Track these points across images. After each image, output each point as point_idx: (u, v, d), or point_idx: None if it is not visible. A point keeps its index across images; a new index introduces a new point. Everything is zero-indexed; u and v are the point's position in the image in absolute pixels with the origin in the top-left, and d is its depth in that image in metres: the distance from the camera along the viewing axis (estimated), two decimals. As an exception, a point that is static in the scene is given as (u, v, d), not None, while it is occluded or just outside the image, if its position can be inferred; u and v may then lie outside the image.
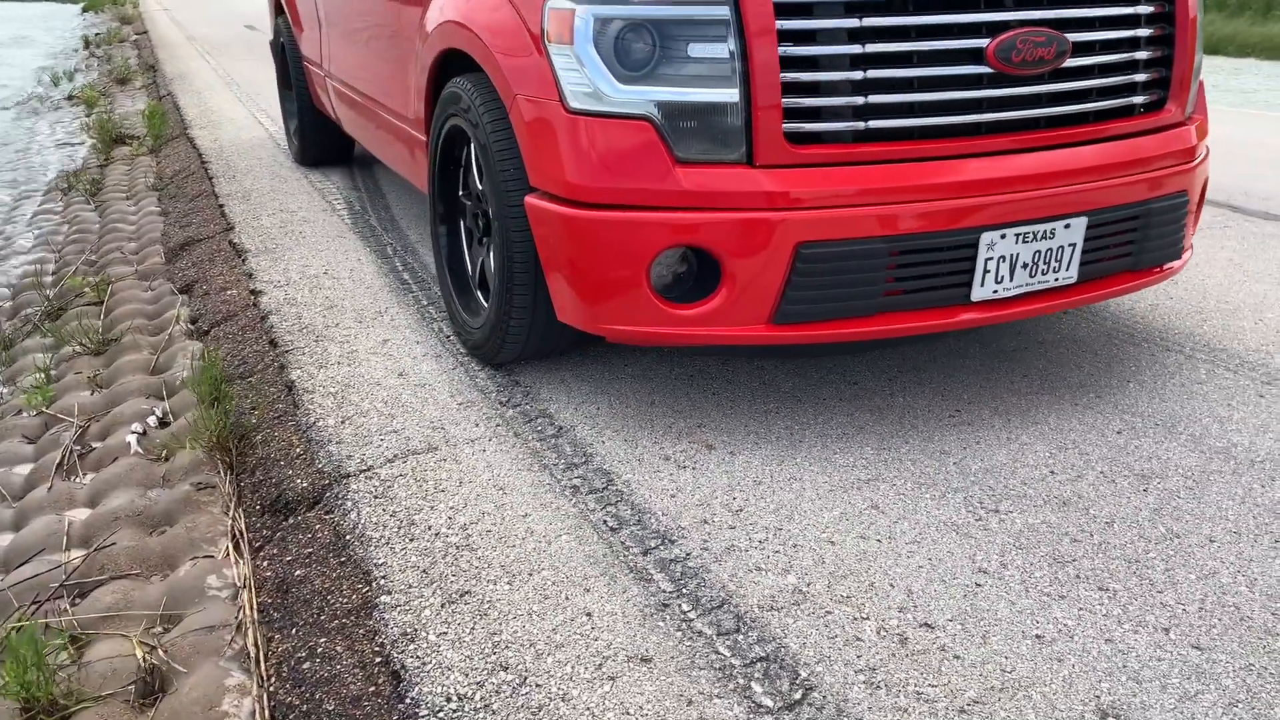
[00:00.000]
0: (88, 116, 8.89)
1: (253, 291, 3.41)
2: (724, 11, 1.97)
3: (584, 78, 2.07)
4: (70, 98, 10.37)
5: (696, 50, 2.01)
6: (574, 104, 2.10)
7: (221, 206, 4.52)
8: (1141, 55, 2.25)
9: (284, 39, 5.07)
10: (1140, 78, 2.27)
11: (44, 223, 5.53)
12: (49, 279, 4.38)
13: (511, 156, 2.31)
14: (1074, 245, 2.19)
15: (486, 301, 2.71)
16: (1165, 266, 2.43)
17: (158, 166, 6.00)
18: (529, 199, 2.25)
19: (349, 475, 2.18)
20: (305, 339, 2.94)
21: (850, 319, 2.11)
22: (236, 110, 7.14)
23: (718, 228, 2.04)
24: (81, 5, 32.11)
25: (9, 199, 6.42)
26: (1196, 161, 2.38)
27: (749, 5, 1.96)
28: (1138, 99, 2.28)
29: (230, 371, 2.89)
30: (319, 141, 5.04)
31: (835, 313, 2.09)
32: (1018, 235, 2.13)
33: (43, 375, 3.23)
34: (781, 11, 1.98)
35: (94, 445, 2.75)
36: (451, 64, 2.69)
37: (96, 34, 17.89)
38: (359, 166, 5.20)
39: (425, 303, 3.20)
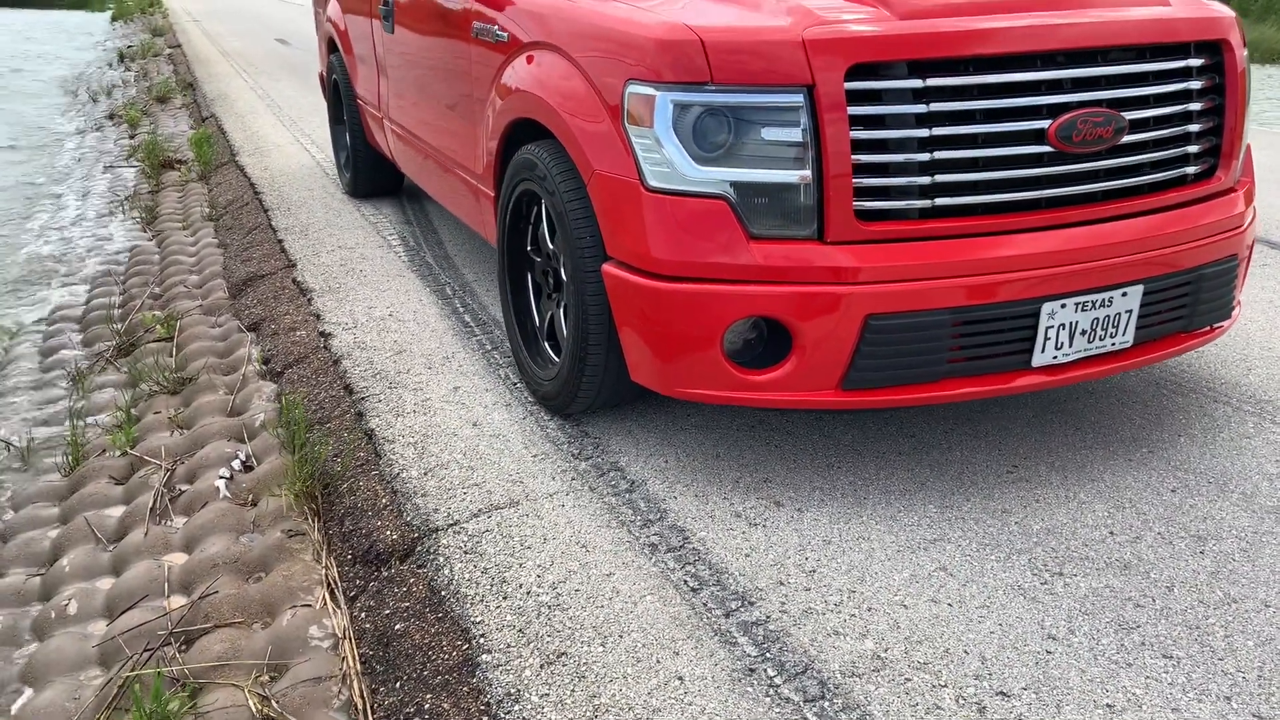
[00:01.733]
0: (131, 138, 9.10)
1: (322, 334, 3.54)
2: (798, 98, 2.09)
3: (662, 158, 2.19)
4: (111, 116, 10.59)
5: (771, 134, 2.12)
6: (653, 182, 2.21)
7: (281, 241, 4.67)
8: (1194, 128, 2.35)
9: (337, 76, 5.22)
10: (1192, 149, 2.36)
11: (103, 249, 5.70)
12: (116, 311, 4.54)
13: (588, 225, 2.42)
14: (1130, 311, 2.29)
15: (555, 354, 2.84)
16: (1216, 326, 2.52)
17: (210, 195, 6.17)
18: (606, 267, 2.37)
19: (438, 529, 2.31)
20: (379, 385, 3.08)
21: (915, 385, 2.22)
22: (281, 136, 7.31)
23: (790, 300, 2.15)
24: (110, 14, 32.53)
25: (66, 221, 6.61)
26: (1245, 225, 2.47)
27: (821, 92, 2.08)
28: (1190, 169, 2.37)
29: (309, 417, 3.03)
30: (370, 176, 5.19)
31: (901, 379, 2.20)
32: (1077, 304, 2.23)
33: (124, 414, 3.38)
34: (853, 98, 2.09)
35: (182, 488, 2.90)
36: (522, 127, 2.82)
37: (129, 46, 18.17)
38: (409, 199, 5.35)
39: (489, 347, 3.32)
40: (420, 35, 3.72)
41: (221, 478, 2.85)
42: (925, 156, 2.11)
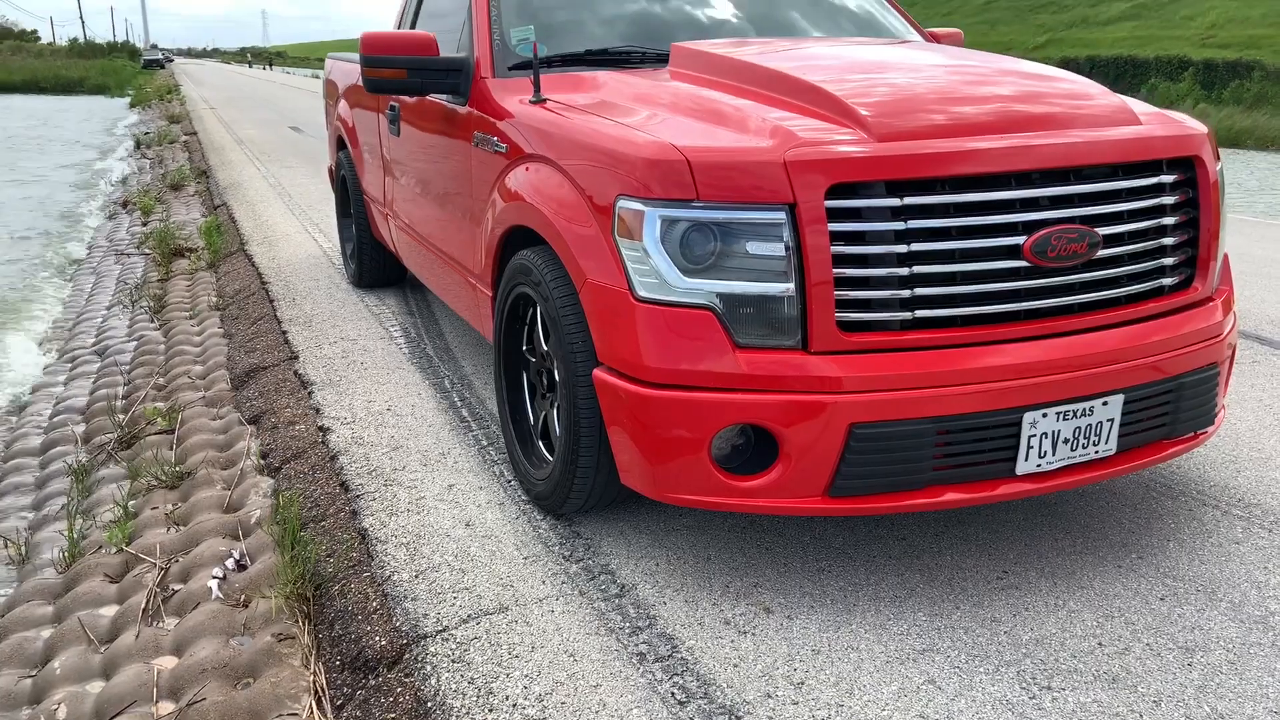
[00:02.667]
0: (144, 224, 9.31)
1: (321, 428, 3.59)
2: (780, 215, 2.16)
3: (651, 269, 2.26)
4: (125, 203, 10.85)
5: (755, 248, 2.19)
6: (642, 292, 2.28)
7: (285, 332, 4.75)
8: (1169, 240, 2.42)
9: (345, 172, 5.38)
10: (1168, 261, 2.43)
11: (110, 339, 5.79)
12: (120, 402, 4.60)
13: (580, 331, 2.49)
14: (1112, 420, 2.32)
15: (549, 452, 2.87)
16: (1200, 433, 2.55)
17: (218, 284, 6.29)
18: (597, 372, 2.42)
19: (426, 636, 2.31)
20: (374, 482, 3.10)
21: (901, 492, 2.24)
22: (290, 225, 7.48)
23: (775, 408, 2.19)
24: (130, 100, 33.51)
25: (75, 310, 6.73)
26: (1224, 334, 2.52)
27: (803, 209, 2.15)
28: (1166, 280, 2.44)
29: (303, 515, 3.05)
30: (375, 267, 5.30)
31: (887, 486, 2.23)
32: (1058, 413, 2.26)
33: (122, 510, 3.40)
34: (833, 215, 2.16)
35: (176, 587, 2.90)
36: (519, 231, 2.91)
37: (146, 133, 18.68)
38: (411, 289, 5.45)
39: (485, 443, 3.36)
40: (425, 140, 3.85)
41: (215, 578, 2.86)
42: (905, 271, 2.18)
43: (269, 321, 5.03)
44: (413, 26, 4.38)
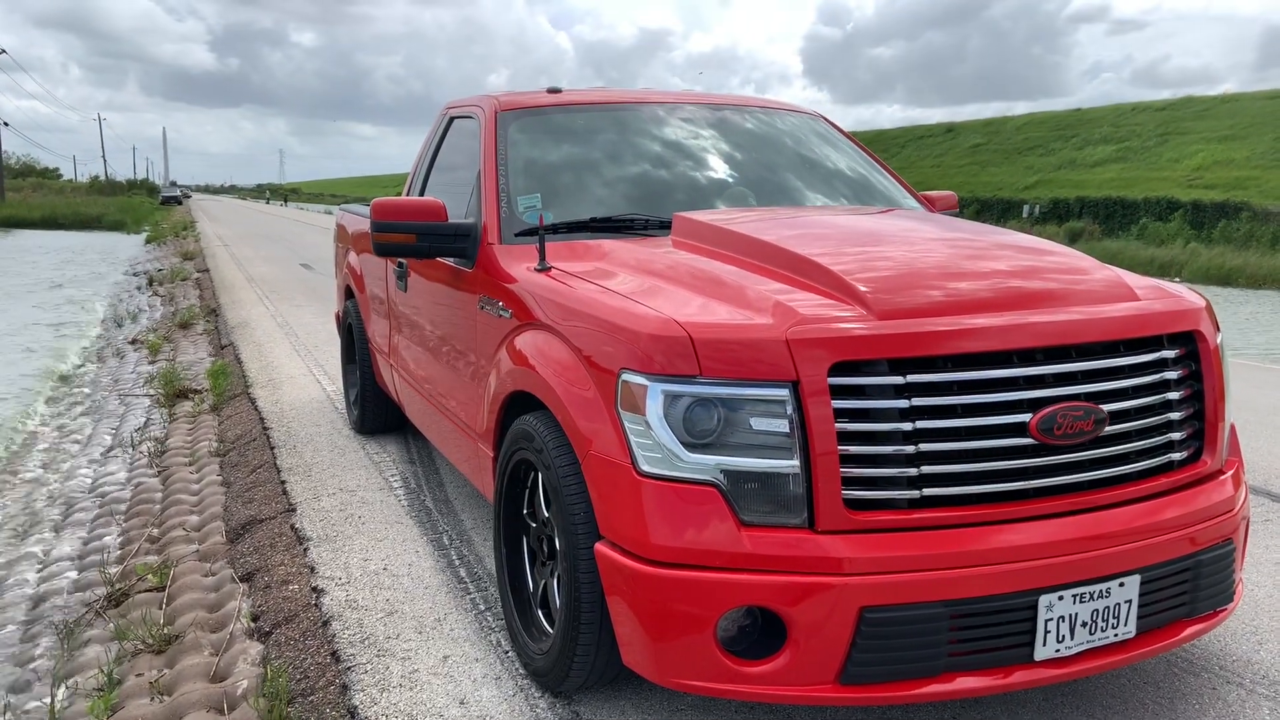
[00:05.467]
0: (150, 363, 9.39)
1: (315, 589, 3.49)
2: (784, 392, 2.16)
3: (654, 444, 2.24)
4: (134, 342, 10.97)
5: (758, 424, 2.18)
6: (645, 467, 2.25)
7: (284, 482, 4.70)
8: (1174, 415, 2.40)
9: (351, 320, 5.45)
10: (1175, 436, 2.41)
11: (107, 485, 5.74)
12: (113, 554, 4.50)
13: (582, 502, 2.44)
14: (1130, 601, 2.25)
15: (549, 624, 2.78)
16: (1220, 610, 2.47)
17: (219, 428, 6.28)
18: (599, 546, 2.36)
19: (415, 833, 2.17)
20: (367, 653, 3.00)
21: (916, 679, 2.15)
22: (295, 367, 7.53)
23: (782, 590, 2.13)
24: (145, 237, 34.45)
25: (73, 455, 6.69)
26: (1237, 508, 2.48)
27: (806, 386, 2.15)
28: (1175, 455, 2.41)
29: (292, 687, 2.93)
30: (377, 414, 5.30)
31: (902, 674, 2.14)
32: (1075, 595, 2.19)
33: (106, 678, 3.27)
34: (836, 392, 2.16)
35: (154, 768, 2.76)
36: (522, 395, 2.90)
37: (160, 270, 19.10)
38: (413, 436, 5.43)
39: (483, 607, 3.26)
40: (431, 296, 3.91)
41: (196, 757, 2.72)
42: (911, 449, 2.16)
43: (268, 470, 4.99)
44: (424, 182, 4.52)
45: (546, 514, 2.75)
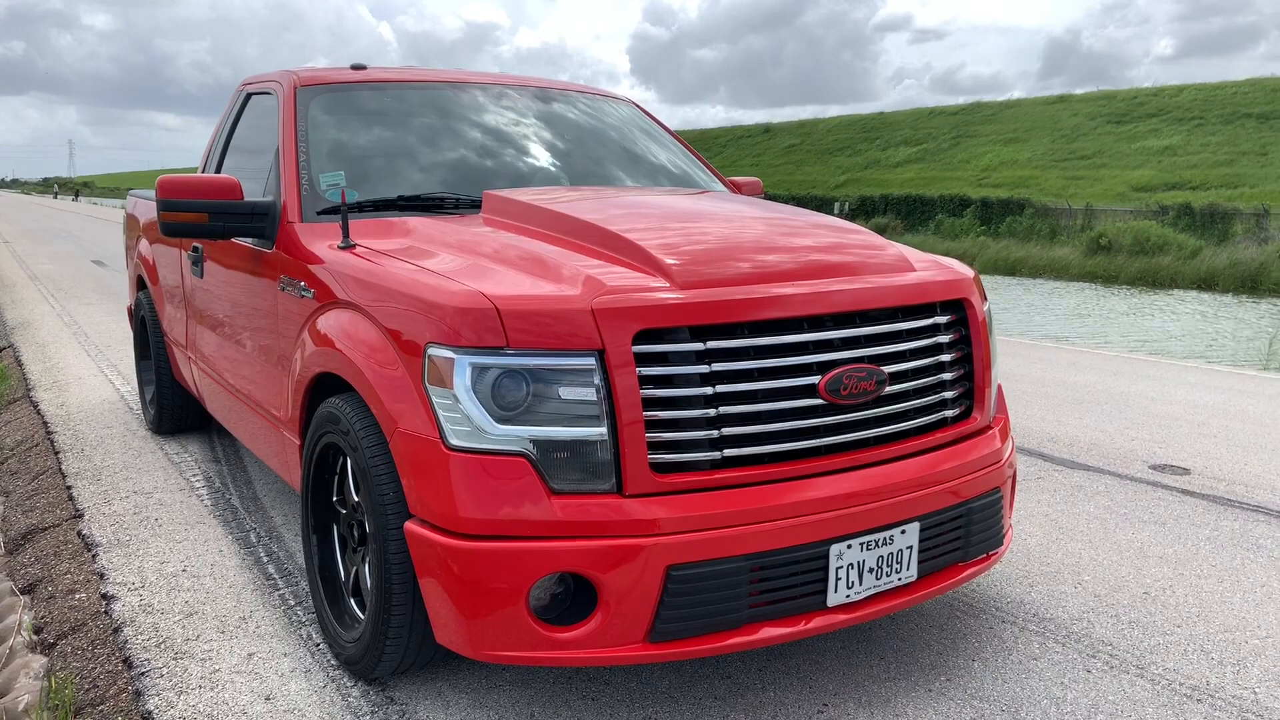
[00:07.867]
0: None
1: (104, 596, 3.25)
2: (590, 361, 2.20)
3: (463, 417, 2.22)
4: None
5: (566, 393, 2.21)
6: (453, 441, 2.24)
7: (69, 488, 4.34)
8: (947, 376, 2.62)
9: (145, 312, 5.09)
10: (948, 394, 2.62)
11: None
12: None
13: (391, 482, 2.40)
14: (911, 547, 2.44)
15: (360, 610, 2.71)
16: (991, 554, 2.71)
17: (-6, 434, 5.72)
18: (409, 525, 2.33)
19: (216, 833, 2.07)
20: (163, 656, 2.82)
21: (720, 632, 2.25)
22: (85, 367, 6.96)
23: (592, 554, 2.17)
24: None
25: None
26: (1004, 460, 2.72)
27: (611, 355, 2.20)
28: (948, 412, 2.62)
29: (79, 698, 2.72)
30: (176, 412, 4.98)
31: (706, 628, 2.23)
32: (862, 544, 2.35)
33: None
34: (641, 360, 2.22)
35: (-88, 799, 2.50)
36: (328, 378, 2.81)
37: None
38: (218, 434, 5.14)
39: (292, 602, 3.14)
40: (229, 281, 3.71)
41: (-37, 782, 2.48)
42: (712, 411, 2.25)
43: (52, 475, 4.59)
44: (220, 163, 4.28)
45: (356, 498, 2.68)
